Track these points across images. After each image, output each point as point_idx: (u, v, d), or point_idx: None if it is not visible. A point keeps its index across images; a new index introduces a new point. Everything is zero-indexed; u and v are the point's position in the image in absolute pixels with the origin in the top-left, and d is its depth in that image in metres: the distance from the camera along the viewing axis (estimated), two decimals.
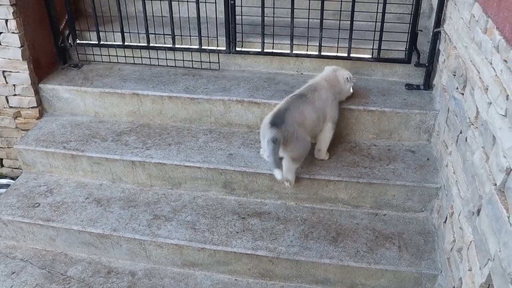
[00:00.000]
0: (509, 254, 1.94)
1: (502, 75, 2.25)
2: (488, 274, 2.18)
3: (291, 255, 3.18)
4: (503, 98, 2.20)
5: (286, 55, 4.06)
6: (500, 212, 2.09)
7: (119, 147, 3.78)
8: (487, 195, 2.28)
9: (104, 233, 3.41)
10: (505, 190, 2.11)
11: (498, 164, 2.18)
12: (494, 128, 2.29)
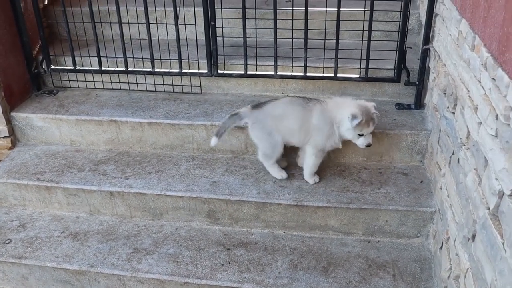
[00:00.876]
0: (505, 283, 1.91)
1: (491, 94, 2.25)
2: None
3: (279, 287, 3.13)
4: (492, 118, 2.19)
5: (270, 77, 4.06)
6: (495, 238, 2.06)
7: (96, 177, 3.74)
8: (481, 219, 2.26)
9: (81, 269, 3.35)
10: (498, 215, 2.09)
11: (490, 187, 2.16)
12: (485, 149, 2.28)
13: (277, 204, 3.43)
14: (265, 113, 3.49)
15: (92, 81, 4.37)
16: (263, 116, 3.49)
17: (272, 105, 3.51)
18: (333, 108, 3.39)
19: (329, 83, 4.07)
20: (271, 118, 3.45)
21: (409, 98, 4.02)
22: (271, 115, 3.46)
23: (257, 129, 3.53)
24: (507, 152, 1.99)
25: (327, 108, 3.41)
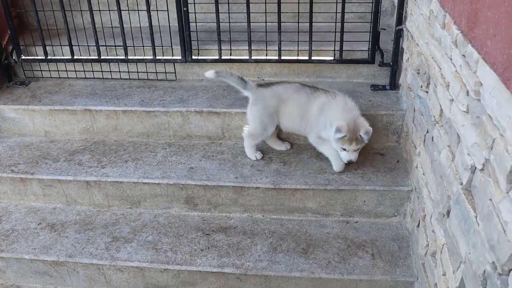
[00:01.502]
0: (478, 255, 1.95)
1: (461, 71, 2.28)
2: (461, 278, 2.19)
3: (259, 270, 3.14)
4: (463, 94, 2.22)
5: (245, 61, 4.05)
6: (468, 212, 2.10)
7: (72, 167, 3.71)
8: (455, 195, 2.30)
9: (59, 260, 3.33)
10: (471, 189, 2.13)
11: (463, 163, 2.20)
12: (457, 125, 2.31)
13: (255, 188, 3.44)
14: (271, 94, 3.48)
15: (65, 71, 4.32)
16: (269, 96, 3.48)
17: (281, 88, 3.50)
18: (335, 106, 3.33)
19: (304, 66, 4.08)
20: (277, 100, 3.46)
21: (384, 79, 4.05)
22: (277, 97, 3.47)
23: (257, 107, 3.51)
24: (478, 127, 2.02)
25: (330, 102, 3.37)
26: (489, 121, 1.89)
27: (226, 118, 3.77)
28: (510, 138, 1.68)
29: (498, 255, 1.73)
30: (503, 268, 1.69)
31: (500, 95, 1.78)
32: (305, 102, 3.42)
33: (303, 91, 3.45)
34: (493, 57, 1.87)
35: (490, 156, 1.87)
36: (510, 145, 1.68)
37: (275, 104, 3.47)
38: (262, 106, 3.49)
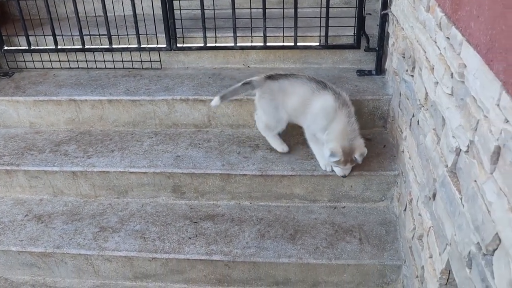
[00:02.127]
0: (464, 236, 1.95)
1: (446, 53, 2.27)
2: (447, 260, 2.20)
3: (247, 257, 3.14)
4: (448, 77, 2.21)
5: (230, 48, 4.02)
6: (453, 194, 2.10)
7: (58, 158, 3.67)
8: (440, 177, 2.30)
9: (47, 251, 3.30)
10: (456, 171, 2.13)
11: (448, 145, 2.19)
12: (442, 108, 2.31)
13: (242, 175, 3.43)
14: (279, 87, 3.39)
15: (49, 61, 4.27)
16: (276, 89, 3.39)
17: (288, 81, 3.39)
18: (339, 122, 3.21)
19: (290, 52, 4.06)
20: (282, 94, 3.37)
21: (370, 64, 4.04)
22: (283, 90, 3.37)
23: (265, 100, 3.44)
24: (462, 109, 2.02)
25: (336, 112, 3.21)
26: (473, 102, 1.88)
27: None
28: (493, 119, 1.68)
29: (483, 235, 1.73)
30: (487, 248, 1.69)
31: (483, 76, 1.77)
32: (308, 98, 3.30)
33: (308, 85, 3.32)
34: (476, 38, 1.87)
35: (474, 138, 1.87)
36: (493, 126, 1.68)
37: (280, 97, 3.39)
38: (269, 99, 3.42)
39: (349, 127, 3.20)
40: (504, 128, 1.58)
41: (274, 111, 3.42)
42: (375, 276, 3.18)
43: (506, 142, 1.56)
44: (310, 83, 3.32)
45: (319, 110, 3.25)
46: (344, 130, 3.19)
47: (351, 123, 3.21)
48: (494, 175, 1.67)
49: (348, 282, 3.20)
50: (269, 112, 3.45)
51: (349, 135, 3.19)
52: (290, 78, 3.40)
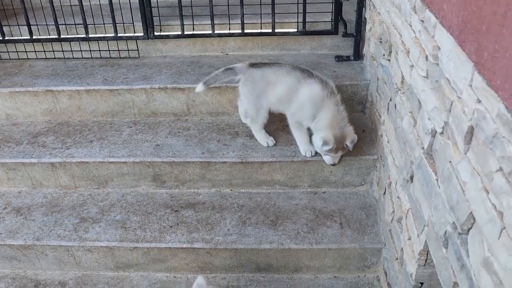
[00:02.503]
0: (440, 217, 1.97)
1: (420, 36, 2.29)
2: (425, 241, 2.22)
3: (229, 244, 3.15)
4: (423, 59, 2.23)
5: (208, 36, 4.00)
6: (430, 176, 2.12)
7: (36, 149, 3.63)
8: (417, 159, 2.32)
9: (26, 243, 3.28)
10: (432, 153, 2.15)
11: (424, 127, 2.21)
12: (418, 91, 2.33)
13: (222, 162, 3.42)
14: (261, 75, 3.35)
15: (24, 51, 4.21)
16: (259, 77, 3.35)
17: (271, 70, 3.35)
18: (328, 110, 3.19)
19: (268, 39, 4.05)
20: (265, 83, 3.33)
21: (348, 50, 4.05)
22: (266, 79, 3.34)
23: (247, 88, 3.41)
24: (437, 91, 2.03)
25: (324, 101, 3.19)
26: (447, 84, 1.90)
27: (191, 94, 3.72)
28: (466, 100, 1.69)
29: (458, 215, 1.75)
30: (462, 228, 1.71)
31: (456, 58, 1.79)
32: (293, 86, 3.26)
33: (293, 74, 3.28)
34: (449, 20, 1.88)
35: (448, 119, 1.88)
36: (466, 107, 1.69)
37: (264, 86, 3.35)
38: (251, 87, 3.39)
39: (338, 115, 3.19)
40: (476, 108, 1.59)
41: (255, 99, 3.41)
42: (356, 260, 3.21)
43: (478, 122, 1.58)
44: (295, 71, 3.28)
45: (306, 98, 3.22)
46: (334, 118, 3.19)
47: (340, 111, 3.20)
48: (468, 155, 1.69)
49: (330, 266, 3.23)
50: (251, 100, 3.44)
51: (339, 123, 3.19)
52: (274, 67, 3.37)
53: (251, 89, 3.40)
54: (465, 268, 1.69)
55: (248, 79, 3.39)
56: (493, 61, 1.46)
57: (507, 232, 1.38)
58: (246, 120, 3.57)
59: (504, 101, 1.40)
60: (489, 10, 1.49)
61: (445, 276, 1.93)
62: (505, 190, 1.40)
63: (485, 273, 1.51)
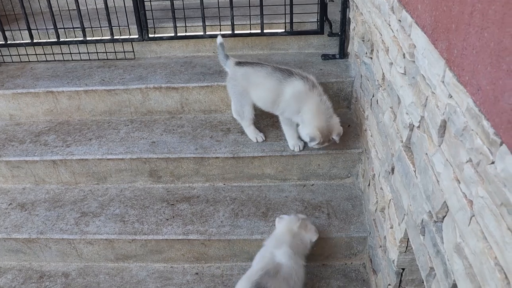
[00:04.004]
0: (417, 206, 1.99)
1: (398, 35, 2.30)
2: (405, 229, 2.24)
3: (222, 235, 3.16)
4: (401, 57, 2.24)
5: (200, 37, 4.00)
6: (408, 167, 2.14)
7: (38, 147, 3.64)
8: (397, 152, 2.34)
9: (31, 237, 3.29)
10: (410, 146, 2.17)
11: (402, 122, 2.23)
12: (397, 87, 2.34)
13: (214, 157, 3.43)
14: (243, 74, 3.34)
15: (26, 55, 4.21)
16: (240, 75, 3.34)
17: (252, 70, 3.31)
18: (311, 103, 3.15)
19: (257, 40, 4.06)
20: (246, 81, 3.32)
21: (334, 49, 4.06)
22: (247, 78, 3.32)
23: (230, 85, 3.42)
24: (413, 87, 2.05)
25: (307, 94, 3.15)
26: (423, 80, 1.91)
27: (184, 93, 3.73)
28: (439, 95, 1.71)
29: (433, 204, 1.77)
30: (437, 216, 1.73)
31: (430, 55, 1.80)
32: (276, 88, 3.21)
33: (274, 76, 3.22)
34: (423, 19, 1.89)
35: (424, 114, 1.90)
36: (440, 101, 1.71)
37: (245, 84, 3.33)
38: (234, 84, 3.40)
39: (322, 105, 3.16)
40: (448, 103, 1.61)
41: (238, 96, 3.41)
42: (343, 248, 3.23)
43: (450, 116, 1.60)
44: (275, 73, 3.23)
45: (290, 96, 3.20)
46: (319, 110, 3.15)
47: (323, 101, 3.17)
48: (441, 147, 1.71)
49: (318, 254, 3.24)
50: (235, 97, 3.45)
51: (325, 114, 3.16)
52: (255, 67, 3.33)
53: (234, 86, 3.41)
54: (440, 254, 1.71)
55: (231, 77, 3.41)
56: (462, 58, 1.48)
57: (476, 219, 1.40)
58: (236, 117, 3.57)
59: (472, 95, 1.42)
60: (457, 10, 1.51)
61: (422, 261, 1.95)
62: (474, 180, 1.41)
63: (457, 258, 1.53)
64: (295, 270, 2.75)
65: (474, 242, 1.40)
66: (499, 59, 1.23)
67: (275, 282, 2.64)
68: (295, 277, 2.74)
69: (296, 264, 2.78)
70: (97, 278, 3.29)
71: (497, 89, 1.25)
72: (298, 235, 2.90)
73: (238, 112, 3.49)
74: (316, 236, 2.96)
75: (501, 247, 1.24)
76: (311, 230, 2.96)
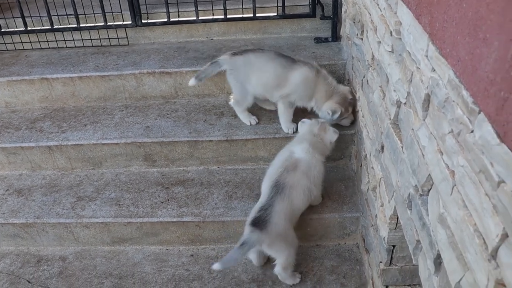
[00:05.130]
0: (404, 181, 2.01)
1: (385, 13, 2.31)
2: (394, 206, 2.26)
3: (216, 217, 3.18)
4: (388, 35, 2.25)
5: (193, 22, 4.00)
6: (396, 144, 2.15)
7: (33, 134, 3.65)
8: (385, 130, 2.35)
9: (28, 222, 3.31)
10: (398, 122, 2.18)
11: (390, 99, 2.24)
12: (385, 65, 2.35)
13: (208, 141, 3.44)
14: (244, 61, 3.33)
15: (20, 42, 4.21)
16: (242, 63, 3.34)
17: (254, 55, 3.34)
18: (320, 86, 3.27)
19: (250, 24, 4.05)
20: (248, 68, 3.32)
21: (327, 32, 4.05)
22: (249, 64, 3.32)
23: (232, 76, 3.40)
24: (400, 64, 2.06)
25: (315, 80, 3.25)
26: (408, 56, 1.92)
27: (178, 78, 3.73)
28: (423, 69, 1.72)
29: (418, 177, 1.79)
30: (423, 189, 1.75)
31: (415, 31, 1.81)
32: (281, 73, 3.26)
33: (277, 61, 3.28)
34: None
35: (410, 89, 1.91)
36: (424, 76, 1.72)
37: (248, 71, 3.33)
38: (235, 74, 3.39)
39: (330, 87, 3.28)
40: (431, 76, 1.62)
41: (240, 86, 3.41)
42: (336, 228, 3.25)
43: (433, 89, 1.61)
44: (278, 58, 3.29)
45: (300, 82, 3.24)
46: (328, 91, 3.27)
47: (329, 83, 3.29)
48: (426, 121, 1.72)
49: (312, 235, 3.27)
50: (237, 87, 3.44)
51: (333, 91, 3.29)
52: (256, 52, 3.37)
53: (235, 77, 3.40)
54: (426, 226, 1.73)
55: (232, 68, 3.39)
56: (443, 30, 1.49)
57: (457, 188, 1.41)
58: (234, 105, 3.54)
59: (452, 67, 1.43)
60: None
61: (410, 235, 1.97)
62: (455, 150, 1.43)
63: (440, 228, 1.55)
64: (313, 164, 2.98)
65: (456, 210, 1.42)
66: (476, 28, 1.24)
67: (294, 176, 2.90)
68: (314, 171, 2.99)
69: (315, 159, 3.00)
70: (94, 261, 3.31)
71: (475, 58, 1.26)
72: (318, 135, 3.07)
73: (238, 101, 3.48)
74: (335, 136, 3.12)
75: (479, 213, 1.26)
76: (330, 131, 3.11)
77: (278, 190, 2.84)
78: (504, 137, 1.12)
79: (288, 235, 2.87)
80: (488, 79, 1.18)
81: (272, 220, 2.76)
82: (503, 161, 1.12)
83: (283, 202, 2.82)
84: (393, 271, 2.57)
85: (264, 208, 2.81)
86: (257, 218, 2.78)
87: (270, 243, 2.80)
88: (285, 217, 2.83)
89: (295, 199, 2.87)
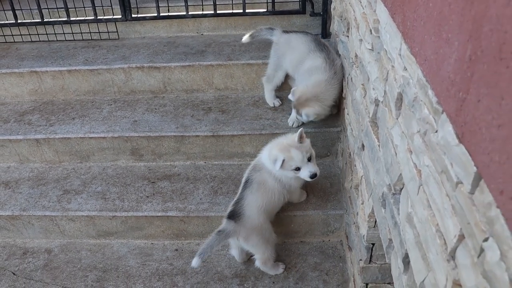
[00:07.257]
0: (380, 180, 2.00)
1: (366, 11, 2.29)
2: (372, 204, 2.25)
3: (201, 212, 3.18)
4: (368, 33, 2.24)
5: (182, 17, 3.98)
6: (373, 142, 2.14)
7: (22, 127, 3.64)
8: (365, 127, 2.34)
9: (14, 214, 3.31)
10: (376, 121, 2.17)
11: (369, 97, 2.23)
12: (365, 63, 2.34)
13: (195, 136, 3.43)
14: (286, 38, 3.45)
15: (11, 35, 4.19)
16: (284, 40, 3.45)
17: (295, 35, 3.45)
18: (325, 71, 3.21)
19: (240, 19, 4.03)
20: (287, 45, 3.43)
21: (317, 29, 4.02)
22: (288, 42, 3.43)
23: (273, 48, 3.52)
24: (378, 62, 2.04)
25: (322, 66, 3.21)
26: (385, 55, 1.91)
27: (167, 72, 3.72)
28: (397, 68, 1.71)
29: (391, 176, 1.78)
30: (395, 188, 1.74)
31: (390, 29, 1.80)
32: (303, 54, 3.32)
33: (307, 44, 3.33)
34: None
35: (386, 88, 1.90)
36: (397, 74, 1.71)
37: (285, 48, 3.44)
38: (276, 48, 3.50)
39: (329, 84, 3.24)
40: (403, 75, 1.61)
41: (276, 60, 3.50)
42: (320, 225, 3.24)
43: (404, 88, 1.60)
44: (310, 42, 3.33)
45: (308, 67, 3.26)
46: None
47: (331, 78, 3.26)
48: (399, 120, 1.71)
49: (296, 231, 3.26)
50: (273, 60, 3.53)
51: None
52: (299, 33, 3.47)
53: (275, 50, 3.51)
54: (397, 225, 1.72)
55: (277, 42, 3.50)
56: (413, 29, 1.48)
57: (423, 188, 1.41)
58: (264, 81, 3.63)
59: (420, 66, 1.42)
60: None
61: (383, 234, 1.97)
62: (422, 149, 1.42)
63: (408, 227, 1.54)
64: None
65: (421, 210, 1.41)
66: (440, 28, 1.23)
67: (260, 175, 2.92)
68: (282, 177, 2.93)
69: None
70: (79, 254, 3.31)
71: (439, 58, 1.25)
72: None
73: (268, 75, 3.57)
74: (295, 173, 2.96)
75: (441, 213, 1.25)
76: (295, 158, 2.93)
77: (247, 185, 2.92)
78: (462, 137, 1.11)
79: (264, 230, 2.92)
80: (449, 79, 1.18)
81: (245, 213, 2.85)
82: (461, 162, 1.12)
83: (252, 195, 2.88)
84: (373, 269, 2.57)
85: (237, 201, 2.90)
86: (232, 212, 2.88)
87: (246, 237, 2.87)
88: (258, 211, 2.88)
89: (264, 195, 2.90)
